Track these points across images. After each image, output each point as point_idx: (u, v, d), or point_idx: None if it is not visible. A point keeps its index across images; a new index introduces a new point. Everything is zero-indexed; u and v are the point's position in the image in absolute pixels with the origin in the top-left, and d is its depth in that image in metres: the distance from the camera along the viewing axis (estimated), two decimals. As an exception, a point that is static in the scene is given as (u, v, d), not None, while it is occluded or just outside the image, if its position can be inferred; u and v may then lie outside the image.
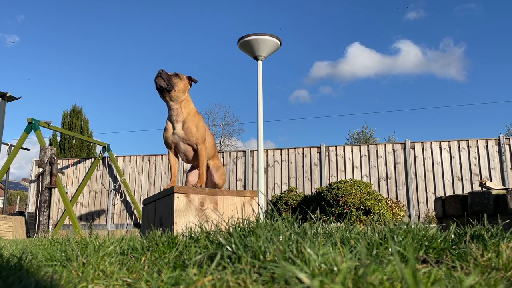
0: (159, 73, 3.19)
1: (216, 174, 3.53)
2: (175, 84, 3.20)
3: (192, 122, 3.26)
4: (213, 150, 3.53)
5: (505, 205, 2.91)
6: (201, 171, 3.28)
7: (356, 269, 0.86)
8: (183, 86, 3.26)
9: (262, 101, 7.09)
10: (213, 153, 3.55)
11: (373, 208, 7.94)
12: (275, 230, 1.28)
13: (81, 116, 26.11)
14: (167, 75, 3.20)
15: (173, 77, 3.23)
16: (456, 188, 10.47)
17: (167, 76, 3.19)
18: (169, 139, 3.31)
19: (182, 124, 3.26)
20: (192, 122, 3.26)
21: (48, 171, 9.68)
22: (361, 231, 1.56)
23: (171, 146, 3.35)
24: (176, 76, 3.24)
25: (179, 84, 3.22)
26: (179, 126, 3.26)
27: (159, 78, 3.18)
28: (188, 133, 3.25)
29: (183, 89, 3.25)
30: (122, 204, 12.27)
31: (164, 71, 3.21)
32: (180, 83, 3.23)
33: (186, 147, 3.31)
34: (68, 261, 1.42)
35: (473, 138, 10.67)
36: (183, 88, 3.25)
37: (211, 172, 3.52)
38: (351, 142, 28.21)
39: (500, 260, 1.15)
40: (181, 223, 2.87)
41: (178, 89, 3.21)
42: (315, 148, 11.43)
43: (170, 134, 3.30)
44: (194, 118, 3.28)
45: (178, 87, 3.21)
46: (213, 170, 3.53)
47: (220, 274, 1.00)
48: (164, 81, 3.17)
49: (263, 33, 6.96)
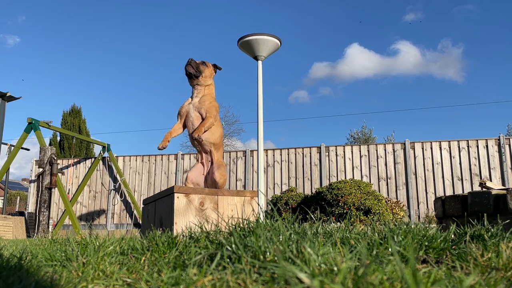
0: (189, 62, 3.60)
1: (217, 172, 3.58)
2: (203, 71, 3.62)
3: (208, 98, 3.63)
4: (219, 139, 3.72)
5: (505, 205, 2.91)
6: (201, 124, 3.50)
7: (356, 269, 0.86)
8: (210, 72, 3.67)
9: (262, 101, 7.09)
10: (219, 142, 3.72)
11: (373, 208, 7.94)
12: (275, 230, 1.28)
13: (80, 116, 26.10)
14: (195, 63, 3.63)
15: (200, 65, 3.63)
16: (456, 188, 10.47)
17: (195, 64, 3.62)
18: (184, 108, 3.64)
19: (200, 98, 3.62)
20: (208, 98, 3.62)
21: (48, 171, 9.68)
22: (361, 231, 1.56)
23: (183, 115, 3.65)
24: (203, 64, 3.65)
25: (206, 71, 3.64)
26: (197, 99, 3.62)
27: (189, 66, 3.60)
28: (202, 102, 3.59)
29: (210, 75, 3.67)
30: (122, 204, 12.27)
31: (193, 60, 3.63)
32: (207, 70, 3.65)
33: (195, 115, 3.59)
34: (68, 261, 1.42)
35: (473, 138, 10.67)
36: (210, 74, 3.67)
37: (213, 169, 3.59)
38: (351, 142, 28.22)
39: (500, 260, 1.15)
40: (181, 223, 2.87)
41: (205, 75, 3.63)
42: (315, 148, 11.43)
43: (186, 104, 3.64)
44: (211, 97, 3.65)
45: (205, 74, 3.63)
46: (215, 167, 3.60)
47: (220, 274, 1.00)
48: (193, 68, 3.59)
49: (263, 33, 6.96)
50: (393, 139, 27.30)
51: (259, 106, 7.06)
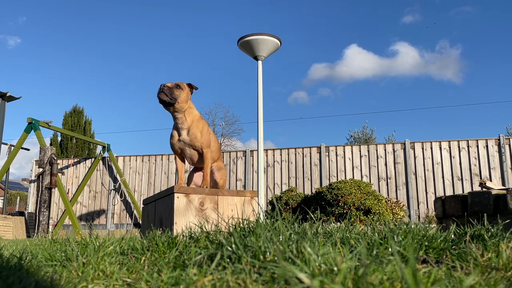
0: (161, 89, 3.28)
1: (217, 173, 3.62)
2: (178, 96, 3.30)
3: (196, 128, 3.40)
4: (217, 154, 3.66)
5: (505, 205, 2.91)
6: (205, 173, 3.40)
7: (356, 269, 0.86)
8: (185, 96, 3.35)
9: (262, 100, 7.09)
10: (218, 157, 3.69)
11: (373, 208, 7.94)
12: (275, 230, 1.28)
13: (82, 116, 26.11)
14: (168, 89, 3.29)
15: (174, 89, 3.31)
16: (456, 188, 10.47)
17: (169, 90, 3.28)
18: (176, 145, 3.45)
19: (187, 131, 3.39)
20: (197, 128, 3.40)
21: (48, 171, 9.68)
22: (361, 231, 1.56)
23: (178, 151, 3.49)
24: (177, 88, 3.33)
25: (181, 95, 3.32)
26: (185, 132, 3.39)
27: (162, 94, 3.27)
28: (194, 139, 3.38)
29: (186, 99, 3.36)
30: (122, 204, 12.26)
31: (166, 86, 3.29)
32: (182, 93, 3.33)
33: (192, 152, 3.46)
34: (68, 261, 1.42)
35: (473, 138, 10.67)
36: (186, 98, 3.36)
37: (213, 171, 3.62)
38: (351, 142, 28.22)
39: (500, 260, 1.15)
40: (181, 223, 2.87)
41: (181, 100, 3.32)
42: (315, 148, 11.43)
43: (176, 141, 3.43)
44: (198, 124, 3.42)
45: (181, 98, 3.31)
46: (215, 169, 3.63)
47: (220, 274, 1.00)
48: (167, 96, 3.27)
49: (263, 33, 6.97)
50: (394, 139, 27.32)
51: (259, 106, 7.06)
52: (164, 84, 3.31)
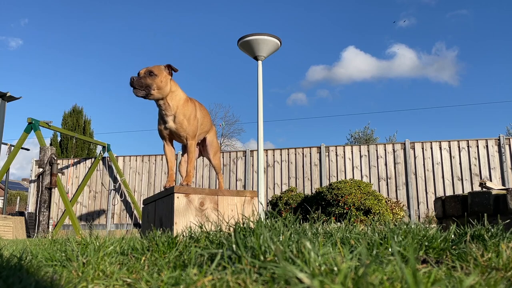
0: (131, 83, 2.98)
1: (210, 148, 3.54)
2: (152, 85, 2.99)
3: (182, 114, 3.15)
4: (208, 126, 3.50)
5: (505, 205, 2.91)
6: (188, 169, 3.22)
7: (357, 269, 0.86)
8: (162, 81, 3.03)
9: (262, 100, 7.09)
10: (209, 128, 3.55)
11: (373, 208, 7.94)
12: (275, 230, 1.28)
13: (82, 116, 26.12)
14: (139, 80, 2.98)
15: (147, 78, 3.00)
16: (456, 188, 10.47)
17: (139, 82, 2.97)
18: (163, 132, 3.23)
19: (173, 117, 3.15)
20: (183, 115, 3.15)
21: (48, 171, 9.68)
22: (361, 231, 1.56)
23: (166, 137, 3.28)
24: (150, 75, 3.01)
25: (156, 82, 3.00)
26: (170, 119, 3.16)
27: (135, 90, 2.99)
28: (179, 127, 3.15)
29: (164, 83, 3.05)
30: (122, 204, 12.26)
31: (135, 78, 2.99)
32: (156, 79, 3.01)
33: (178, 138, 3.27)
34: (68, 261, 1.42)
35: (473, 138, 10.67)
36: (163, 83, 3.04)
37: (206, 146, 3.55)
38: (351, 142, 28.23)
39: (500, 260, 1.15)
40: (181, 223, 2.87)
41: (157, 87, 3.01)
42: (315, 148, 11.43)
43: (163, 128, 3.21)
44: (184, 109, 3.15)
45: (157, 85, 3.01)
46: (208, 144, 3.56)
47: (220, 274, 1.00)
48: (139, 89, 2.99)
49: (263, 33, 6.97)
50: (395, 139, 27.32)
51: (259, 106, 7.06)
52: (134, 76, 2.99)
